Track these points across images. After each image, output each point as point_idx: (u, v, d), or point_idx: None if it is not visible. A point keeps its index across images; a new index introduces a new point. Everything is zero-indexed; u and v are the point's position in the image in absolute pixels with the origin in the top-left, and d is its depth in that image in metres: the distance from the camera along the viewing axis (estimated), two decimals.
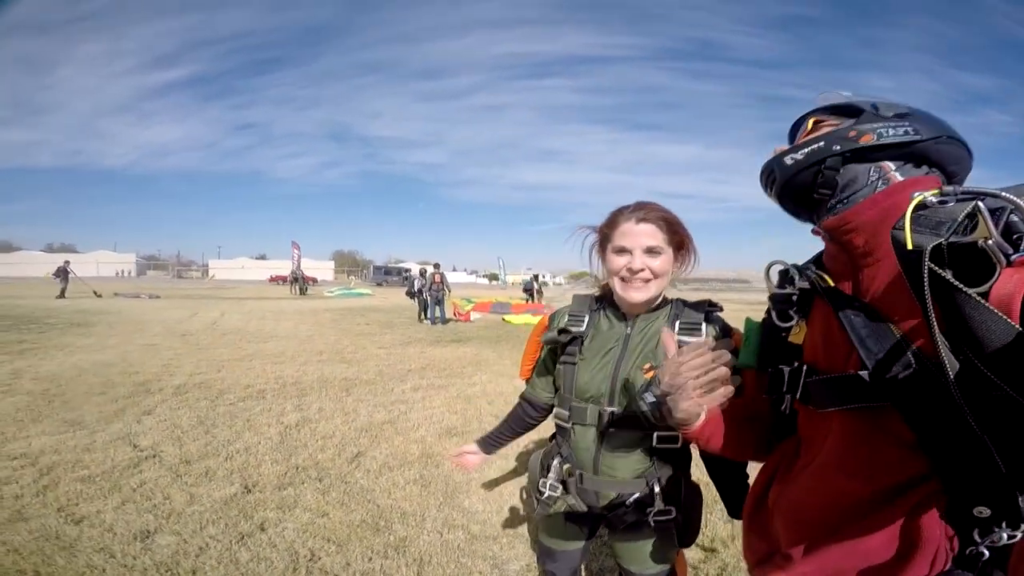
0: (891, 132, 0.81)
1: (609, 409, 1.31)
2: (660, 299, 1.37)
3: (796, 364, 0.89)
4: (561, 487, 1.40)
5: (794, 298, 0.91)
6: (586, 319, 1.39)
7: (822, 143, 0.85)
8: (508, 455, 3.84)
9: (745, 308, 1.50)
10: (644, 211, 1.29)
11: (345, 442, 4.05)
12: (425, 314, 13.66)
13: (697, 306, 1.35)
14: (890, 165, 0.83)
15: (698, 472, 1.40)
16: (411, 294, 14.62)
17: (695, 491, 1.41)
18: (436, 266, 14.17)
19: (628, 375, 1.31)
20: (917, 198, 0.70)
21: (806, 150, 0.86)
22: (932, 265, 0.62)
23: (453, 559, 2.46)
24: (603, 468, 1.35)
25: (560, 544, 1.53)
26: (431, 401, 5.44)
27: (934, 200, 0.70)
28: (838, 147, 0.83)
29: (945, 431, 0.66)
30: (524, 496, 3.14)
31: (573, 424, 1.37)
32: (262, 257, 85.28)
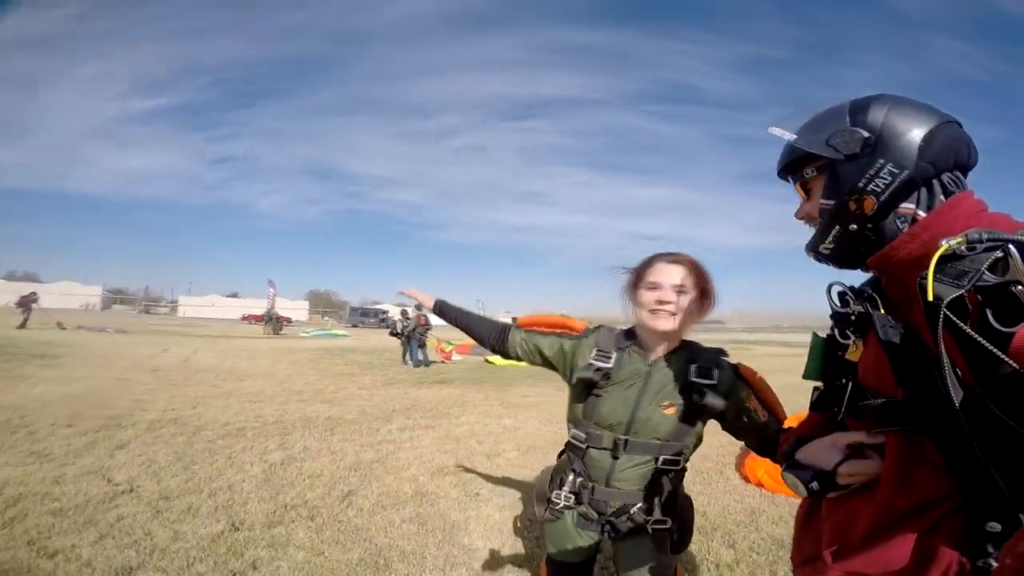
0: (881, 183, 0.83)
1: (624, 437, 1.47)
2: (679, 341, 1.52)
3: (845, 380, 0.94)
4: (574, 498, 1.54)
5: (852, 318, 0.95)
6: (613, 356, 1.50)
7: (837, 228, 0.89)
8: (504, 493, 3.74)
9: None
10: (677, 256, 1.49)
11: (335, 481, 3.88)
12: (407, 356, 13.40)
13: (710, 352, 1.51)
14: (908, 206, 0.85)
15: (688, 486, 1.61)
16: (396, 335, 14.37)
17: (688, 503, 1.59)
18: (418, 307, 14.02)
19: (646, 411, 1.46)
20: (943, 247, 0.71)
21: (830, 242, 0.91)
22: (949, 314, 0.67)
23: None
24: (614, 482, 1.50)
25: (571, 557, 1.60)
26: (419, 441, 5.29)
27: (963, 248, 0.70)
28: (854, 226, 0.88)
29: (963, 455, 0.71)
30: (518, 523, 3.03)
31: (588, 447, 1.52)
32: (234, 295, 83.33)
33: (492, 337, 1.70)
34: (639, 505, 1.50)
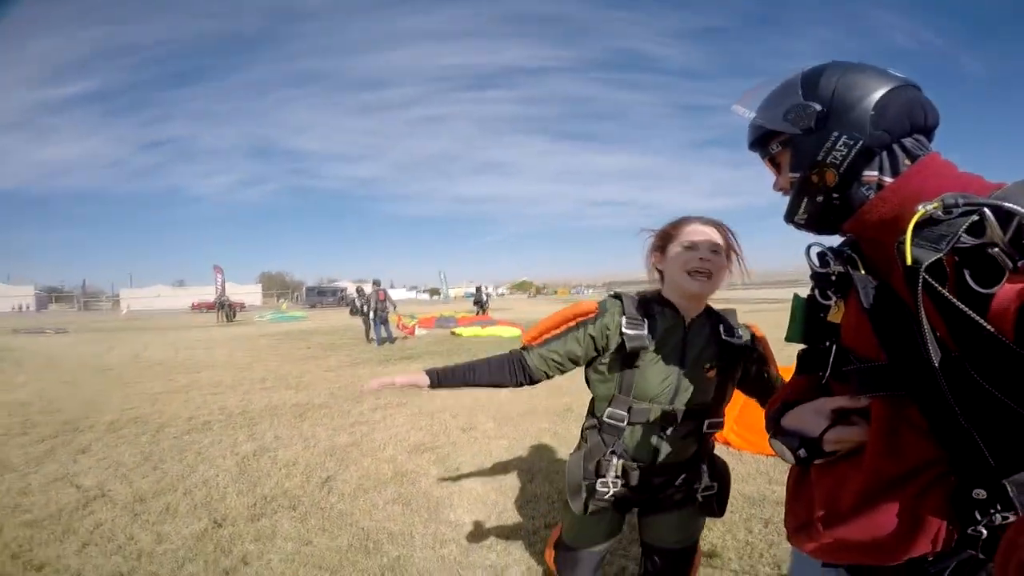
0: (838, 155, 0.83)
1: (671, 407, 1.42)
2: (705, 304, 1.50)
3: (829, 343, 0.94)
4: (621, 482, 1.45)
5: (832, 278, 0.94)
6: (645, 324, 1.43)
7: (806, 199, 0.90)
8: (483, 466, 3.84)
9: None
10: (708, 218, 1.46)
11: (311, 468, 3.88)
12: (371, 333, 13.25)
13: (730, 315, 1.51)
14: (871, 174, 0.84)
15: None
16: (358, 313, 14.14)
17: (725, 465, 1.60)
18: (376, 283, 13.78)
19: (690, 376, 1.42)
20: (920, 211, 0.70)
21: (803, 213, 0.93)
22: (928, 278, 0.67)
23: (453, 572, 2.43)
24: (661, 457, 1.45)
25: (592, 544, 1.60)
26: (393, 420, 5.31)
27: (939, 213, 0.70)
28: (821, 198, 0.89)
29: (947, 421, 0.72)
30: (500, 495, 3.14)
31: (630, 423, 1.44)
32: (180, 284, 79.62)
33: (511, 376, 1.49)
34: (684, 476, 1.48)
